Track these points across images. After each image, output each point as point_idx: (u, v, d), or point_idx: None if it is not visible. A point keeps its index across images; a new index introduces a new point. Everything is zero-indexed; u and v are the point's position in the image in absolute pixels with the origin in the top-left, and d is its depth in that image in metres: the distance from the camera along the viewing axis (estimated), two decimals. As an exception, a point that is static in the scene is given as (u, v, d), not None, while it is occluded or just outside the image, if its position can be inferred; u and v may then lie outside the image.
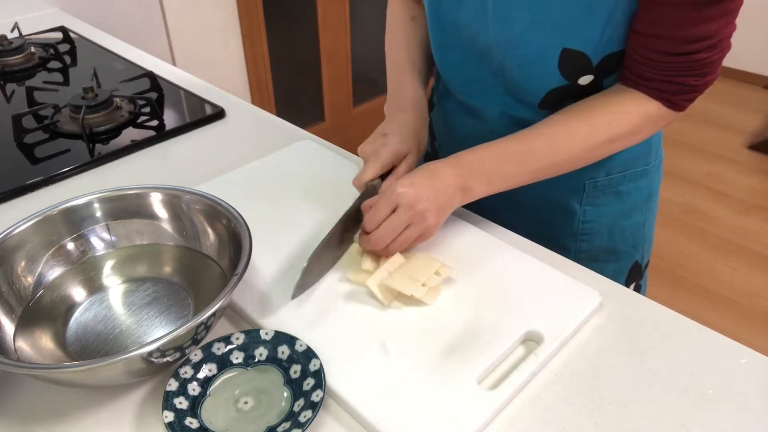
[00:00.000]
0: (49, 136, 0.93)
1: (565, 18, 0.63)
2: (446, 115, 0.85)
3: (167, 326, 0.59)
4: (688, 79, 0.62)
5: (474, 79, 0.76)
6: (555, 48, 0.66)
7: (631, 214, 0.81)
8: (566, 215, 0.80)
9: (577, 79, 0.68)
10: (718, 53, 0.61)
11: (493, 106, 0.76)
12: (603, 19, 0.63)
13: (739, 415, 0.51)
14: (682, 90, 0.63)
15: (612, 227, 0.81)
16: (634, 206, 0.81)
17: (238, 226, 0.60)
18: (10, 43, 1.20)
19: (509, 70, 0.70)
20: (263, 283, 0.63)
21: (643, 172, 0.79)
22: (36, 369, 0.49)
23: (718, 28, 0.59)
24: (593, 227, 0.81)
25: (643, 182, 0.80)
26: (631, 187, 0.79)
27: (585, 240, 0.81)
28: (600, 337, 0.58)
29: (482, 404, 0.50)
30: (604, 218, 0.80)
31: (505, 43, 0.68)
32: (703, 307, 1.97)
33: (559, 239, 0.82)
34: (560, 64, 0.67)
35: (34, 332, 0.57)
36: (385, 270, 0.62)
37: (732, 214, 2.38)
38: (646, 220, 0.84)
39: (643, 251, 0.86)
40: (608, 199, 0.79)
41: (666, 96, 0.64)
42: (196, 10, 1.86)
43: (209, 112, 1.01)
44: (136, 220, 0.66)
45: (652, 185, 0.82)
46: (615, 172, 0.77)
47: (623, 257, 0.84)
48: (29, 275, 0.60)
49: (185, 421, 0.48)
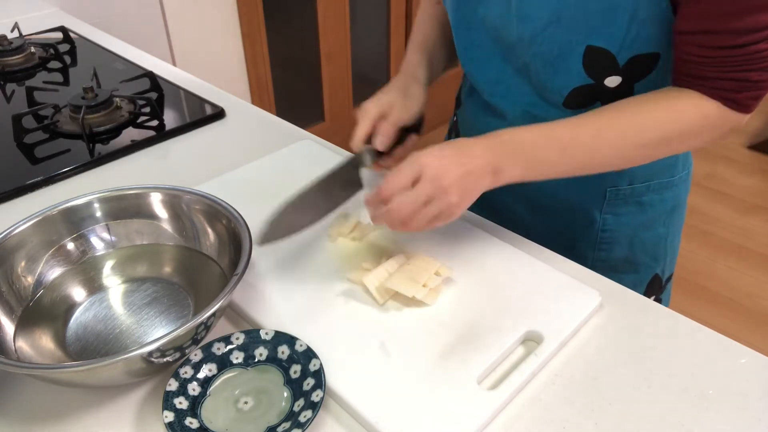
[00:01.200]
0: (49, 136, 0.93)
1: (586, 15, 0.61)
2: (472, 113, 0.85)
3: (167, 326, 0.59)
4: (750, 74, 0.58)
5: (498, 79, 0.75)
6: (578, 45, 0.64)
7: (653, 226, 0.79)
8: (586, 223, 0.79)
9: (603, 79, 0.66)
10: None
11: (517, 106, 0.75)
12: (626, 16, 0.60)
13: (739, 415, 0.51)
14: (744, 87, 0.59)
15: (632, 238, 0.79)
16: (657, 218, 0.79)
17: (238, 226, 0.60)
18: (10, 43, 1.20)
19: (533, 67, 0.69)
20: (263, 283, 0.63)
21: (668, 183, 0.77)
22: (36, 369, 0.49)
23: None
24: (613, 236, 0.79)
25: (668, 194, 0.78)
26: (654, 198, 0.77)
27: (603, 249, 0.80)
28: (600, 337, 0.58)
29: (482, 404, 0.50)
30: (625, 228, 0.78)
31: (529, 40, 0.66)
32: (703, 307, 1.97)
33: (577, 247, 0.80)
34: (584, 62, 0.65)
35: (34, 332, 0.57)
36: (384, 270, 0.62)
37: (732, 214, 2.38)
38: (669, 232, 0.81)
39: (664, 264, 0.84)
40: (630, 209, 0.77)
41: (726, 94, 0.59)
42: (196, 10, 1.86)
43: (209, 112, 1.01)
44: (136, 220, 0.66)
45: (678, 197, 0.80)
46: (638, 182, 0.75)
47: (642, 269, 0.82)
48: (29, 275, 0.60)
49: (185, 421, 0.48)
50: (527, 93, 0.73)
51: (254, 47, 2.07)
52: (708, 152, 2.78)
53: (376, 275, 0.61)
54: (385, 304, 0.60)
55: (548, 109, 0.72)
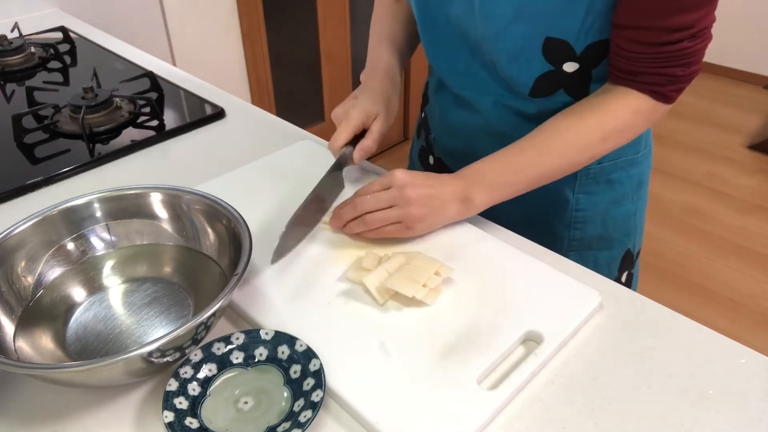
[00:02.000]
0: (49, 136, 0.93)
1: (547, 10, 0.65)
2: (441, 107, 0.86)
3: (167, 326, 0.59)
4: (674, 70, 0.63)
5: (466, 72, 0.77)
6: (538, 37, 0.67)
7: (622, 202, 0.83)
8: (559, 204, 0.82)
9: (561, 65, 0.69)
10: (700, 43, 0.62)
11: (486, 97, 0.77)
12: (584, 9, 0.64)
13: (739, 415, 0.51)
14: (669, 81, 0.64)
15: (605, 215, 0.82)
16: (625, 194, 0.83)
17: (238, 226, 0.60)
18: (10, 43, 1.20)
19: (499, 63, 0.72)
20: (263, 283, 0.63)
21: (633, 160, 0.81)
22: (36, 369, 0.49)
23: (698, 17, 0.60)
24: (586, 215, 0.82)
25: (634, 171, 0.82)
26: (622, 175, 0.81)
27: (578, 228, 0.83)
28: (600, 337, 0.58)
29: (482, 404, 0.50)
30: (597, 206, 0.82)
31: (493, 38, 0.69)
32: (703, 307, 1.97)
33: (553, 228, 0.83)
34: (544, 51, 0.68)
35: (34, 332, 0.57)
36: (384, 270, 0.62)
37: (732, 214, 2.38)
38: (637, 208, 0.85)
39: (635, 239, 0.88)
40: (600, 187, 0.80)
41: (654, 88, 0.65)
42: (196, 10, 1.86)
43: (209, 112, 1.01)
44: (136, 220, 0.66)
45: (642, 174, 0.84)
46: (607, 161, 0.79)
47: (616, 245, 0.85)
48: (29, 275, 0.60)
49: (185, 421, 0.48)
50: (495, 86, 0.75)
51: (254, 47, 2.07)
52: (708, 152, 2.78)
53: (376, 275, 0.61)
54: (385, 304, 0.60)
55: (516, 100, 0.75)
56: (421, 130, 0.96)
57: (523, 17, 0.66)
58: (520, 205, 0.81)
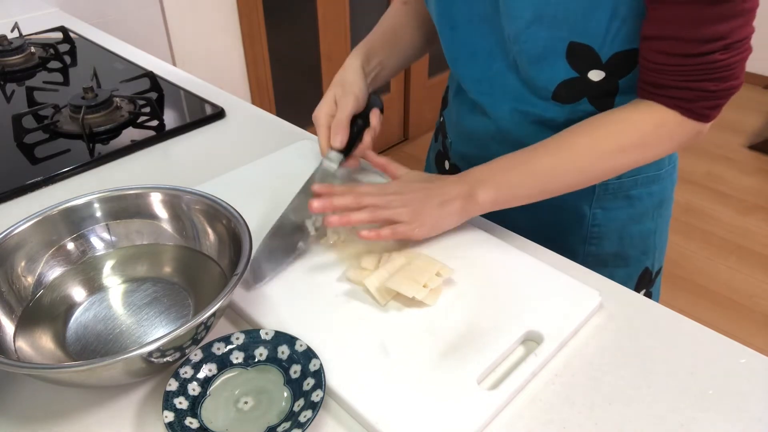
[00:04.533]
0: (49, 136, 0.93)
1: (568, 13, 0.62)
2: (458, 112, 0.85)
3: (167, 326, 0.59)
4: (706, 84, 0.59)
5: (484, 77, 0.75)
6: (562, 41, 0.65)
7: (641, 220, 0.80)
8: (575, 218, 0.79)
9: (586, 72, 0.67)
10: (736, 55, 0.58)
11: (504, 104, 0.75)
12: (607, 14, 0.61)
13: (739, 415, 0.51)
14: (699, 96, 0.60)
15: (622, 232, 0.80)
16: (645, 212, 0.80)
17: (238, 226, 0.60)
18: (10, 43, 1.20)
19: (521, 64, 0.70)
20: (263, 282, 0.63)
21: (654, 177, 0.78)
22: (36, 369, 0.49)
23: (732, 28, 0.56)
24: (602, 231, 0.79)
25: (655, 188, 0.78)
26: (642, 192, 0.78)
27: (593, 244, 0.80)
28: (600, 337, 0.58)
29: (482, 404, 0.50)
30: (614, 222, 0.79)
31: (514, 38, 0.67)
32: (703, 307, 1.97)
33: (567, 242, 0.81)
34: (568, 56, 0.66)
35: (34, 332, 0.57)
36: (385, 270, 0.62)
37: (732, 214, 2.38)
38: (657, 226, 0.82)
39: (653, 258, 0.85)
40: (619, 203, 0.78)
41: (682, 104, 0.61)
42: (196, 10, 1.86)
43: (209, 112, 1.01)
44: (136, 220, 0.66)
45: (665, 191, 0.80)
46: (626, 176, 0.76)
47: (633, 263, 0.83)
48: (29, 275, 0.60)
49: (185, 421, 0.48)
50: (516, 88, 0.73)
51: (254, 47, 2.07)
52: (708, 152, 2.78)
53: (377, 276, 0.61)
54: (385, 305, 0.60)
55: (537, 103, 0.72)
56: (439, 134, 0.95)
57: (544, 20, 0.63)
58: (533, 216, 0.80)
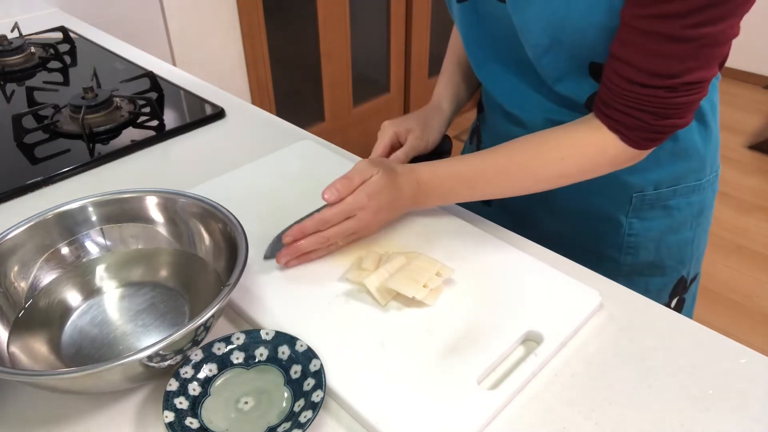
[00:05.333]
0: (49, 136, 0.93)
1: (585, 39, 0.62)
2: (492, 121, 0.85)
3: (163, 331, 0.58)
4: (645, 115, 0.59)
5: (514, 91, 0.75)
6: (583, 61, 0.65)
7: (679, 230, 0.78)
8: (611, 227, 0.78)
9: None
10: (683, 96, 0.57)
11: (537, 114, 0.75)
12: None
13: (739, 415, 0.51)
14: (638, 125, 0.60)
15: (659, 242, 0.78)
16: (684, 222, 0.78)
17: (234, 230, 0.59)
18: (10, 43, 1.20)
19: (548, 83, 0.70)
20: (264, 283, 0.63)
21: (695, 187, 0.76)
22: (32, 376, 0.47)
23: (688, 68, 0.56)
24: (639, 241, 0.78)
25: (695, 198, 0.77)
26: (681, 202, 0.76)
27: (630, 253, 0.79)
28: (600, 337, 0.58)
29: (482, 404, 0.50)
30: (651, 232, 0.78)
31: (536, 61, 0.68)
32: (703, 307, 1.97)
33: (603, 251, 0.80)
34: (592, 74, 0.66)
35: (28, 338, 0.56)
36: (385, 270, 0.62)
37: (732, 214, 2.38)
38: (696, 235, 0.81)
39: (689, 266, 0.84)
40: (656, 213, 0.76)
41: (622, 129, 0.61)
42: (196, 10, 1.86)
43: (209, 112, 1.01)
44: (131, 224, 0.65)
45: (705, 201, 0.79)
46: (664, 187, 0.75)
47: (669, 272, 0.82)
48: (23, 280, 0.60)
49: (185, 421, 0.48)
50: (545, 102, 0.73)
51: (254, 47, 2.07)
52: (708, 152, 2.78)
53: (377, 276, 0.61)
54: (385, 305, 0.60)
55: (570, 114, 0.71)
56: (474, 136, 0.95)
57: (562, 46, 0.64)
58: (568, 224, 0.80)
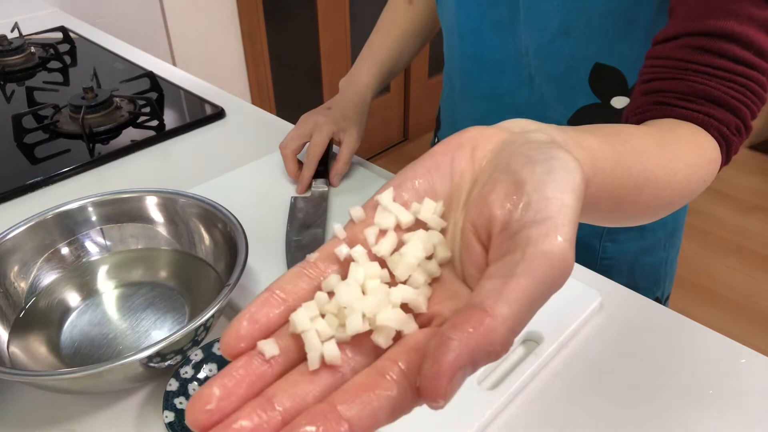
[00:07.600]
0: (49, 136, 0.93)
1: (600, 28, 0.56)
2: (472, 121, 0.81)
3: (163, 331, 0.58)
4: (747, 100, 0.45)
5: (492, 94, 0.72)
6: (587, 61, 0.61)
7: (653, 251, 0.77)
8: (585, 252, 0.76)
9: (609, 99, 0.62)
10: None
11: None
12: (643, 34, 0.55)
13: (739, 415, 0.51)
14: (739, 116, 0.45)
15: (632, 264, 0.77)
16: (657, 242, 0.77)
17: (234, 230, 0.59)
18: (10, 43, 1.20)
19: (538, 81, 0.66)
20: (264, 283, 0.63)
21: None
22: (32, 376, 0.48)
23: None
24: (612, 264, 0.77)
25: (669, 217, 0.74)
26: (654, 223, 0.73)
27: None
28: (600, 337, 0.58)
29: (482, 404, 0.50)
30: (625, 255, 0.76)
31: (535, 52, 0.64)
32: (703, 307, 1.97)
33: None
34: (591, 80, 0.62)
35: (28, 338, 0.56)
36: (385, 270, 0.62)
37: (732, 214, 2.38)
38: (669, 256, 0.79)
39: (664, 287, 0.83)
40: (630, 234, 0.75)
41: (722, 128, 0.45)
42: (196, 10, 1.86)
43: (209, 112, 1.01)
44: (131, 225, 0.65)
45: (678, 220, 0.77)
46: None
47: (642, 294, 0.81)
48: (22, 280, 0.59)
49: (186, 421, 0.48)
50: (527, 108, 0.69)
51: (254, 47, 2.07)
52: (708, 152, 2.78)
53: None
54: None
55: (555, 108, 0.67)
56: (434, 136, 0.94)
57: (571, 33, 0.58)
58: None
